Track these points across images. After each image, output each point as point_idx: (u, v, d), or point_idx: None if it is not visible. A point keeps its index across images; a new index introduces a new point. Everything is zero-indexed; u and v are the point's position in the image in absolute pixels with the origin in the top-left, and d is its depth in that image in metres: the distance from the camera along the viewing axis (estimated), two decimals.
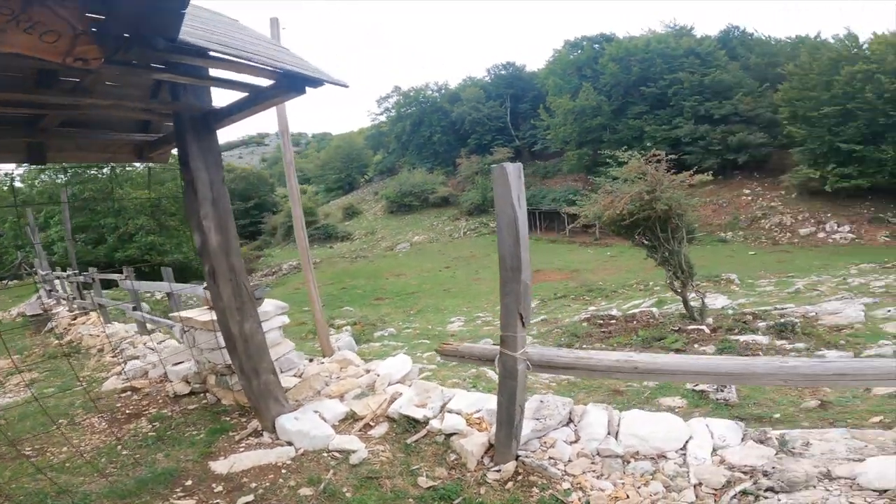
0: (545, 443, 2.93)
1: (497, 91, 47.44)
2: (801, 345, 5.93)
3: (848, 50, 25.69)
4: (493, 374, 5.17)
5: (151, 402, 4.62)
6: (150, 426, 4.04)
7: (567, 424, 3.08)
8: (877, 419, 3.37)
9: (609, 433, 2.90)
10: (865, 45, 25.55)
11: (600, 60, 35.01)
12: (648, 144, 30.80)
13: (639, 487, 2.47)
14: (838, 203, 25.97)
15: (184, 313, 4.65)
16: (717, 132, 29.46)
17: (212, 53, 2.28)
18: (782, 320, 6.72)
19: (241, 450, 3.43)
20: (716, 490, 2.30)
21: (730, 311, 8.83)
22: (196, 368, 4.64)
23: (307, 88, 2.74)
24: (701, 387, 4.67)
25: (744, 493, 2.19)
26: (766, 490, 2.13)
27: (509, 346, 2.48)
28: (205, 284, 3.63)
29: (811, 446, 2.42)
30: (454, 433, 3.21)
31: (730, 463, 2.47)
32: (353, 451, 3.18)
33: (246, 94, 3.01)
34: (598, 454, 2.77)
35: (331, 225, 44.48)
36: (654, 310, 8.60)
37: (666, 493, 2.39)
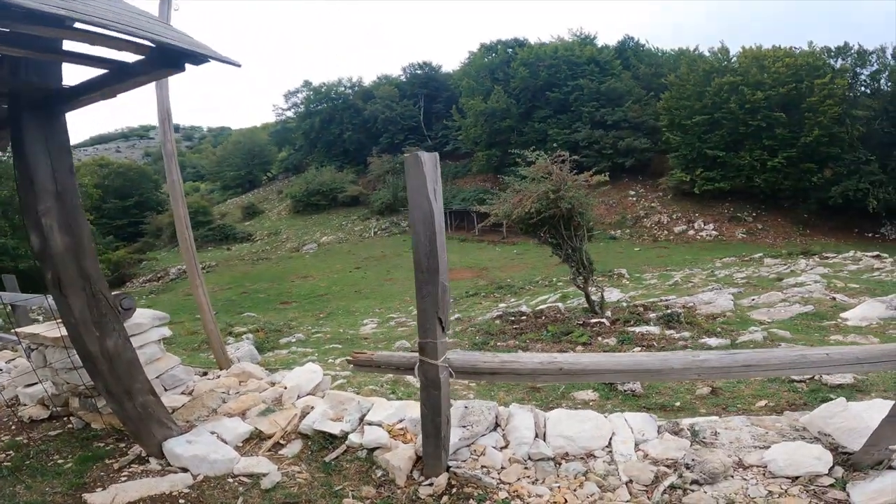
0: (475, 451, 2.81)
1: (412, 90, 47.22)
2: (686, 333, 6.54)
3: (719, 62, 29.15)
4: (412, 378, 4.98)
5: (2, 428, 3.98)
6: (4, 455, 3.43)
7: (494, 429, 2.99)
8: (762, 403, 3.73)
9: (537, 436, 2.86)
10: (735, 59, 28.98)
11: (512, 64, 36.29)
12: (556, 145, 32.69)
13: (574, 490, 2.45)
14: (704, 204, 29.67)
15: (29, 329, 4.00)
16: (609, 137, 32.10)
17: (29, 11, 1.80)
18: (668, 312, 7.38)
19: (124, 479, 2.96)
20: (646, 486, 2.33)
21: (624, 304, 9.55)
22: (54, 390, 3.97)
23: (188, 66, 2.33)
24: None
25: (672, 487, 2.24)
26: (691, 483, 2.20)
27: (430, 353, 2.30)
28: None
29: (719, 435, 2.58)
30: (377, 447, 2.98)
31: (653, 457, 2.54)
32: (265, 475, 2.85)
33: (105, 70, 2.49)
34: (529, 458, 2.71)
35: (228, 225, 41.13)
36: (560, 305, 9.01)
37: (601, 494, 2.38)
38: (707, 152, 27.72)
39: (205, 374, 4.38)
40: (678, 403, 4.33)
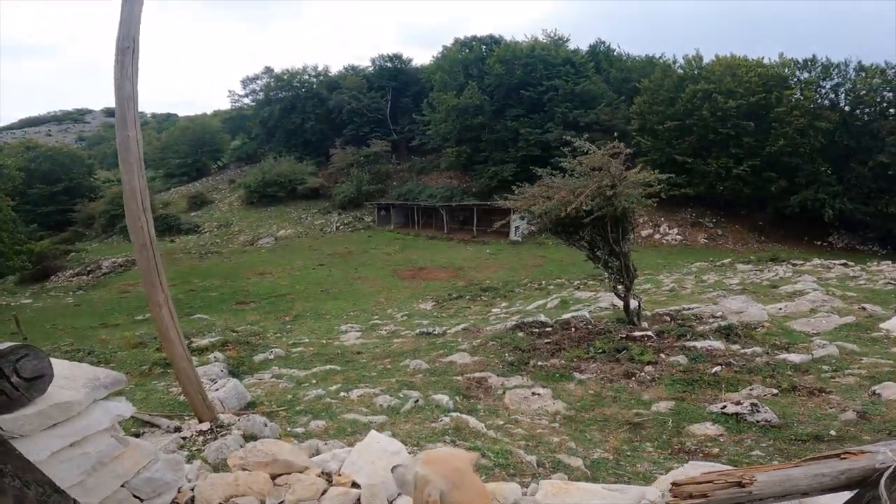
0: None
1: (380, 82, 45.66)
2: (757, 349, 5.68)
3: (693, 70, 29.47)
4: (476, 423, 3.71)
5: None
6: None
7: None
8: None
9: None
10: (706, 66, 29.10)
11: (488, 61, 35.47)
12: (522, 144, 31.98)
13: None
14: (669, 209, 29.98)
15: None
16: (580, 139, 31.82)
17: None
18: (725, 324, 6.53)
19: None
20: None
21: (647, 313, 8.72)
22: None
23: None
24: (731, 409, 3.94)
25: None
26: None
27: None
28: None
29: None
30: None
31: None
32: None
33: None
34: None
35: (172, 215, 37.64)
36: (586, 314, 7.99)
37: None
38: (676, 158, 27.96)
39: (178, 429, 2.79)
40: (833, 432, 3.65)
